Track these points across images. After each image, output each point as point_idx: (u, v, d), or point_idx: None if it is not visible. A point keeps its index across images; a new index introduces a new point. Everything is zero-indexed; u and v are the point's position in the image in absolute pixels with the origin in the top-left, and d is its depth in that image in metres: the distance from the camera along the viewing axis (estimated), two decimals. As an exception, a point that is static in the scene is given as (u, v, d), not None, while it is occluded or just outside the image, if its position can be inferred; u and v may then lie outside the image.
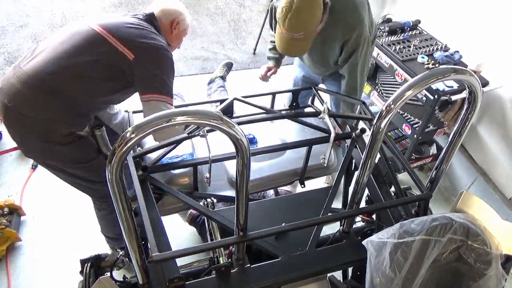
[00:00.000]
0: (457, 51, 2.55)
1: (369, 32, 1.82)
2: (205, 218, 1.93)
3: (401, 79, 2.54)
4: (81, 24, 1.64)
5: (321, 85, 2.33)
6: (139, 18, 1.72)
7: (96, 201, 2.02)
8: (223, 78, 3.37)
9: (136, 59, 1.58)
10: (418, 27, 2.84)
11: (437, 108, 2.40)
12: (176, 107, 2.13)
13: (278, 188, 2.55)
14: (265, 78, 2.24)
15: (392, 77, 2.65)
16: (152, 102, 1.61)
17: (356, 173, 1.34)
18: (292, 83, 2.43)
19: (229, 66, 3.46)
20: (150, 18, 1.74)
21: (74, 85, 1.57)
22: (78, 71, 1.55)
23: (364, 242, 1.23)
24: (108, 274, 1.32)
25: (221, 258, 1.53)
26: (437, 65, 2.49)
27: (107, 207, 2.01)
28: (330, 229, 1.67)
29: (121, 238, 2.21)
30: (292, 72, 2.44)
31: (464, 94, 2.27)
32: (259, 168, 1.91)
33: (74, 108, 1.58)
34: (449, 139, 1.33)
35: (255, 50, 4.21)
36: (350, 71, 1.88)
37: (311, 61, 2.03)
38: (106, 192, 1.87)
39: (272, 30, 2.06)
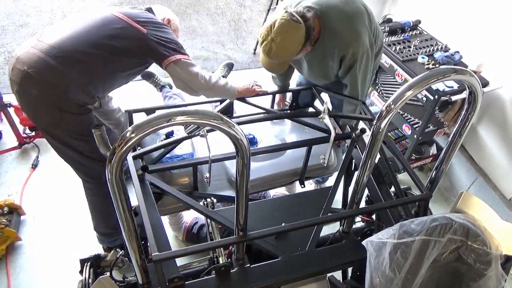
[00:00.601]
0: (457, 52, 2.55)
1: (372, 43, 1.75)
2: (205, 219, 1.93)
3: (401, 79, 2.54)
4: (97, 10, 1.83)
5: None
6: (140, 8, 1.93)
7: (88, 182, 2.02)
8: (224, 77, 3.37)
9: (148, 32, 1.75)
10: (418, 27, 2.84)
11: (437, 108, 2.40)
12: (176, 106, 2.14)
13: (274, 192, 2.55)
14: (282, 104, 2.30)
15: (392, 77, 2.65)
16: (180, 62, 1.76)
17: (356, 173, 1.34)
18: (296, 84, 2.42)
19: (230, 67, 3.46)
20: (149, 10, 1.95)
21: (99, 59, 1.70)
22: (103, 45, 1.69)
23: (364, 242, 1.23)
24: (108, 273, 1.32)
25: (220, 258, 1.52)
26: (437, 65, 2.48)
27: (98, 190, 2.03)
28: (330, 229, 1.67)
29: (114, 232, 2.25)
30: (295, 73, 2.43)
31: (464, 95, 2.27)
32: (259, 168, 1.91)
33: (91, 81, 1.73)
34: (449, 140, 1.33)
35: (255, 50, 4.22)
36: (351, 83, 1.85)
37: (312, 75, 2.00)
38: (100, 173, 1.92)
39: None
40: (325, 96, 2.06)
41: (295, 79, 2.39)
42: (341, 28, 1.67)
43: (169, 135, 1.77)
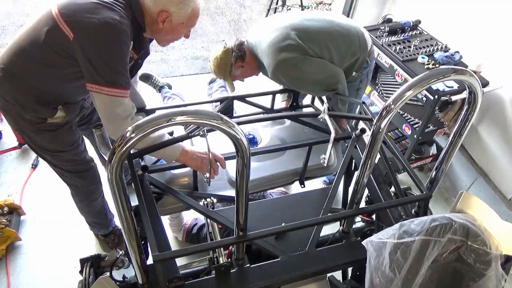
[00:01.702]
0: (457, 52, 2.55)
1: (297, 59, 1.88)
2: (205, 219, 1.93)
3: (401, 79, 2.54)
4: (45, 7, 1.47)
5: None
6: None
7: (69, 187, 2.04)
8: None
9: (75, 38, 1.33)
10: (418, 27, 2.84)
11: (437, 108, 2.40)
12: (176, 107, 2.14)
13: (271, 190, 2.55)
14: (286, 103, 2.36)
15: (392, 77, 2.65)
16: (95, 95, 1.37)
17: (356, 173, 1.34)
18: None
19: None
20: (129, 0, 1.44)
21: (29, 70, 1.45)
22: (27, 54, 1.43)
23: (363, 242, 1.23)
24: (108, 273, 1.32)
25: (220, 258, 1.53)
26: (437, 65, 2.48)
27: (77, 195, 2.06)
28: (330, 229, 1.67)
29: (97, 227, 2.30)
30: None
31: (464, 95, 2.27)
32: (259, 168, 1.91)
33: (34, 94, 1.50)
34: (449, 140, 1.33)
35: (255, 50, 4.21)
36: (307, 91, 2.14)
37: None
38: (76, 183, 1.94)
39: None
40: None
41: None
42: (263, 57, 1.97)
43: (169, 135, 1.77)
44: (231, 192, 1.82)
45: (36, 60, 1.43)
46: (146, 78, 3.26)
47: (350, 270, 1.67)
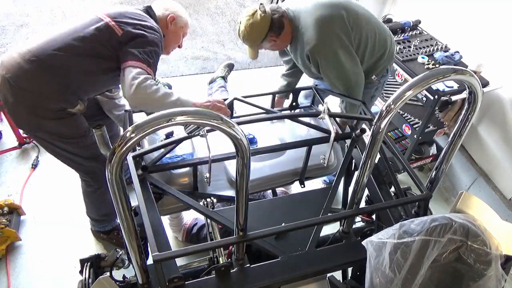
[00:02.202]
0: (457, 52, 2.55)
1: (344, 45, 1.83)
2: (205, 219, 1.93)
3: (401, 79, 2.54)
4: (86, 13, 1.79)
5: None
6: (137, 8, 1.87)
7: (85, 178, 2.06)
8: (224, 78, 3.37)
9: (124, 34, 1.69)
10: (418, 27, 2.84)
11: (437, 108, 2.40)
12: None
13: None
14: (280, 105, 2.33)
15: (392, 77, 2.65)
16: (127, 69, 1.64)
17: (356, 173, 1.34)
18: (312, 82, 2.45)
19: (230, 67, 3.46)
20: (147, 9, 1.88)
21: (67, 62, 1.65)
22: (71, 47, 1.65)
23: (363, 242, 1.23)
24: (108, 273, 1.32)
25: (220, 258, 1.53)
26: (437, 65, 2.48)
27: (94, 183, 2.06)
28: (330, 229, 1.67)
29: (104, 219, 2.30)
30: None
31: (464, 95, 2.27)
32: (259, 168, 1.91)
33: (65, 85, 1.68)
34: (449, 140, 1.33)
35: (255, 50, 4.21)
36: (325, 78, 1.97)
37: (305, 71, 2.16)
38: (94, 169, 1.96)
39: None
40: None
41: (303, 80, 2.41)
42: (305, 31, 1.84)
43: (169, 135, 1.77)
44: (231, 192, 1.82)
45: (80, 52, 1.67)
46: None
47: (350, 270, 1.67)
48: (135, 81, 1.59)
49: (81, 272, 1.37)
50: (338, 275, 1.81)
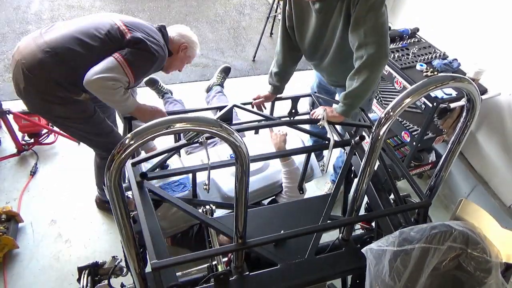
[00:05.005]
0: (456, 59, 2.56)
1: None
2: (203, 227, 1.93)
3: (400, 87, 2.55)
4: (103, 15, 1.92)
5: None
6: (151, 24, 1.97)
7: (98, 151, 2.22)
8: (220, 85, 3.38)
9: (131, 37, 1.79)
10: (416, 35, 2.86)
11: (436, 115, 2.40)
12: (175, 113, 2.14)
13: None
14: (259, 107, 2.11)
15: (391, 85, 2.66)
16: (110, 58, 1.73)
17: (356, 180, 1.34)
18: (310, 90, 2.42)
19: (226, 71, 3.46)
20: (160, 28, 1.97)
21: (79, 58, 1.76)
22: (85, 45, 1.76)
23: (363, 250, 1.23)
24: (106, 282, 1.31)
25: (219, 266, 1.51)
26: (435, 72, 2.49)
27: (107, 156, 2.13)
28: (330, 236, 1.66)
29: None
30: (312, 76, 2.42)
31: (463, 102, 2.27)
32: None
33: (72, 78, 1.77)
34: (448, 147, 1.33)
35: (254, 57, 4.23)
36: (366, 38, 1.65)
37: (332, 65, 1.94)
38: (107, 144, 2.06)
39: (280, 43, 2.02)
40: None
41: (312, 87, 2.39)
42: None
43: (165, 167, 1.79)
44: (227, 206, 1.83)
45: (92, 51, 1.76)
46: (152, 83, 3.27)
47: (349, 278, 1.66)
48: (102, 75, 1.68)
49: (78, 280, 1.36)
50: (337, 283, 1.80)
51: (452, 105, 2.31)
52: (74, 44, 1.75)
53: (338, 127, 1.92)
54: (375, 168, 1.42)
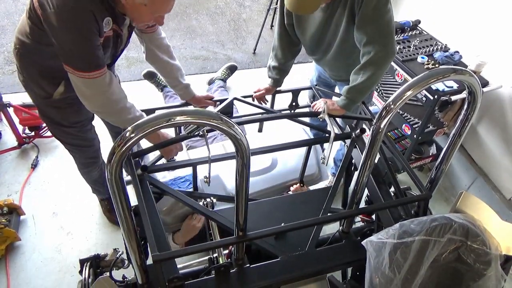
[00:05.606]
0: (457, 51, 2.55)
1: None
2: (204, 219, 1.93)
3: (401, 79, 2.54)
4: None
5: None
6: None
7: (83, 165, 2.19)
8: (223, 80, 3.37)
9: (43, 15, 1.38)
10: (418, 27, 2.84)
11: (437, 108, 2.40)
12: (176, 106, 2.14)
13: None
14: (261, 99, 2.10)
15: (392, 77, 2.65)
16: (72, 77, 1.46)
17: (356, 173, 1.34)
18: (310, 83, 2.41)
19: (232, 69, 3.46)
20: None
21: (34, 48, 1.60)
22: (24, 32, 1.58)
23: (363, 242, 1.23)
24: (108, 274, 1.32)
25: (220, 258, 1.53)
26: (437, 65, 2.48)
27: (76, 163, 2.18)
28: (330, 229, 1.67)
29: (95, 192, 2.41)
30: (312, 68, 2.40)
31: (464, 95, 2.27)
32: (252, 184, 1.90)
33: (39, 70, 1.66)
34: (449, 140, 1.33)
35: (255, 49, 4.21)
36: (372, 24, 1.63)
37: (334, 59, 1.92)
38: (75, 154, 2.05)
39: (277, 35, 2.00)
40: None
41: (311, 80, 2.38)
42: None
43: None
44: (230, 205, 1.83)
45: (36, 39, 1.55)
46: (151, 76, 3.26)
47: (349, 270, 1.67)
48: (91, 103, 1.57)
49: (80, 272, 1.36)
50: (338, 275, 1.81)
51: (453, 97, 2.30)
52: (23, 36, 1.59)
53: (338, 120, 1.92)
54: (376, 161, 1.42)
